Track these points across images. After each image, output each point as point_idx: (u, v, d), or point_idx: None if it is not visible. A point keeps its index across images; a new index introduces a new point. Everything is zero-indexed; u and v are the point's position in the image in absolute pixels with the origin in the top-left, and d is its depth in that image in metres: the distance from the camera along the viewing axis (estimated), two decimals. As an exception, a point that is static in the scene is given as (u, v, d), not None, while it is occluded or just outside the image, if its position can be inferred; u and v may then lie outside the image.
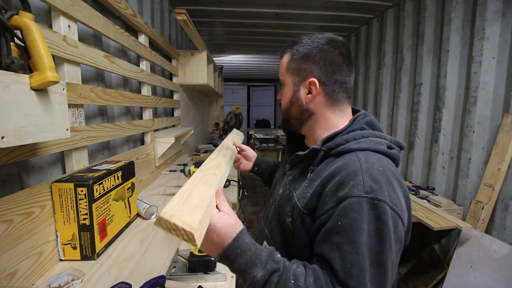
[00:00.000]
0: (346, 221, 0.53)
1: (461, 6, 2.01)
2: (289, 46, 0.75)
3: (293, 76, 0.73)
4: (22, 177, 0.79)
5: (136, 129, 1.50)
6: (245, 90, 9.77)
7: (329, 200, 0.57)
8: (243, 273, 0.52)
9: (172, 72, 2.34)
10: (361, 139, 0.64)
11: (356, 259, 0.51)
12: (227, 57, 5.44)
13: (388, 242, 0.52)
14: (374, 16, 3.12)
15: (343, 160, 0.61)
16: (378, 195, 0.54)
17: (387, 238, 0.52)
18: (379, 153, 0.62)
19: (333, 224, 0.54)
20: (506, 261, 1.57)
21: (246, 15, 3.06)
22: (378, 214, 0.53)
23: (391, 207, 0.54)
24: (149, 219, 1.17)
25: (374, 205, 0.53)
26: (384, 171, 0.58)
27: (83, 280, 0.75)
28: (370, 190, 0.54)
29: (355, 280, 0.50)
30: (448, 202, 2.03)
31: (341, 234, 0.53)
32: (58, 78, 0.61)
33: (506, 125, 1.74)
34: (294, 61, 0.72)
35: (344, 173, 0.58)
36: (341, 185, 0.57)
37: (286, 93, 0.75)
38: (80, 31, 1.00)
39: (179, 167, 1.42)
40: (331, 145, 0.65)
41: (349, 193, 0.54)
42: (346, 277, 0.50)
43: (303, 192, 0.64)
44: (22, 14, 0.58)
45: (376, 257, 0.51)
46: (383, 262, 0.52)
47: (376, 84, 3.19)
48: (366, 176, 0.56)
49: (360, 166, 0.57)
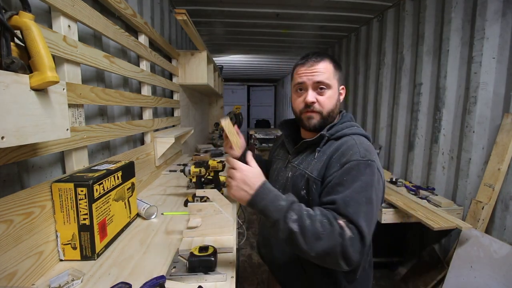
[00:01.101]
0: (348, 177, 0.73)
1: (461, 6, 2.01)
2: (319, 54, 0.88)
3: (338, 82, 0.90)
4: (22, 177, 0.79)
5: (136, 129, 1.50)
6: (245, 90, 9.77)
7: (334, 166, 0.78)
8: (271, 204, 0.68)
9: (172, 72, 2.34)
10: (351, 127, 0.87)
11: (354, 196, 0.70)
12: (227, 57, 5.44)
13: (376, 189, 0.73)
14: (374, 16, 3.12)
15: (342, 141, 0.84)
16: (370, 158, 0.76)
17: (375, 186, 0.73)
18: (363, 136, 0.86)
19: (338, 180, 0.75)
20: (506, 261, 1.56)
21: (246, 15, 3.06)
22: (371, 170, 0.74)
23: (377, 167, 0.76)
24: (149, 219, 1.17)
25: (368, 164, 0.75)
26: (370, 146, 0.82)
27: (83, 280, 0.75)
28: (364, 155, 0.76)
29: (352, 209, 0.68)
30: (448, 202, 2.03)
31: (344, 185, 0.73)
32: (58, 78, 0.61)
33: (506, 125, 1.74)
34: (337, 69, 0.89)
35: (344, 147, 0.80)
36: (343, 154, 0.79)
37: (332, 96, 0.88)
38: (80, 31, 1.00)
39: (179, 167, 1.42)
40: (332, 132, 0.87)
41: (350, 158, 0.76)
42: (345, 207, 0.68)
43: (314, 166, 0.84)
44: (22, 14, 0.58)
45: (368, 197, 0.70)
46: (372, 202, 0.71)
47: (376, 84, 3.19)
48: (360, 147, 0.79)
49: (355, 143, 0.81)
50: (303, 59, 0.90)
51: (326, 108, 0.87)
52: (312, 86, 0.86)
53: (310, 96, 0.86)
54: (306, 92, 0.87)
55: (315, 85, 0.86)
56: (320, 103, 0.87)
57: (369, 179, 0.73)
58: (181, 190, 1.57)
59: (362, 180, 0.72)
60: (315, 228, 0.65)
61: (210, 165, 1.39)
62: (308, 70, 0.87)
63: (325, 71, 0.86)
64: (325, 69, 0.86)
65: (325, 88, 0.86)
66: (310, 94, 0.86)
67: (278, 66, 6.53)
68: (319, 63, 0.86)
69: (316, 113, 0.87)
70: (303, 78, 0.87)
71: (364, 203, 0.69)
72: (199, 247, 0.81)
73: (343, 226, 0.66)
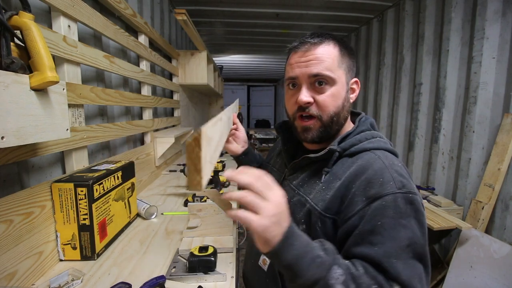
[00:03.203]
0: (384, 220, 0.51)
1: (461, 6, 2.01)
2: (319, 35, 0.64)
3: (346, 74, 0.65)
4: (22, 177, 0.79)
5: (136, 129, 1.50)
6: (245, 90, 9.78)
7: (358, 201, 0.54)
8: (305, 255, 0.46)
9: (172, 72, 2.34)
10: (372, 139, 0.64)
11: (400, 253, 0.48)
12: (227, 57, 5.44)
13: (425, 236, 0.52)
14: (374, 16, 3.12)
15: (363, 159, 0.59)
16: (410, 189, 0.54)
17: (425, 227, 0.53)
18: (388, 151, 0.62)
19: (370, 225, 0.51)
20: (506, 261, 1.56)
21: (246, 15, 3.06)
22: (416, 207, 0.52)
23: (421, 201, 0.54)
24: (149, 219, 1.17)
25: (409, 199, 0.52)
26: (402, 167, 0.58)
27: (83, 280, 0.74)
28: (402, 185, 0.53)
29: (405, 273, 0.47)
30: (448, 202, 2.03)
31: (381, 233, 0.50)
32: (58, 78, 0.61)
33: (506, 125, 1.74)
34: (346, 55, 0.65)
35: (370, 171, 0.56)
36: (370, 183, 0.55)
37: (336, 94, 0.63)
38: (80, 31, 1.00)
39: (179, 167, 1.42)
40: (345, 145, 0.63)
41: (381, 191, 0.53)
42: (394, 268, 0.47)
43: (321, 195, 0.61)
44: (22, 14, 0.58)
45: (418, 253, 0.50)
46: (424, 258, 0.51)
47: (376, 84, 3.19)
48: (393, 172, 0.55)
49: (384, 164, 0.57)
50: (297, 42, 0.66)
51: (328, 111, 0.63)
52: (307, 81, 0.63)
53: (304, 94, 0.63)
54: (299, 90, 0.65)
55: (311, 80, 0.63)
56: (318, 104, 0.63)
57: (419, 221, 0.52)
58: (181, 190, 1.57)
59: (406, 227, 0.50)
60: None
61: (210, 165, 1.39)
62: (302, 58, 0.63)
63: (326, 58, 0.62)
64: (326, 55, 0.62)
65: (325, 83, 0.62)
66: (304, 92, 0.63)
67: (278, 66, 6.53)
68: (317, 47, 0.62)
69: (313, 119, 0.64)
70: (296, 70, 0.64)
71: (417, 261, 0.50)
72: (199, 247, 0.80)
73: None
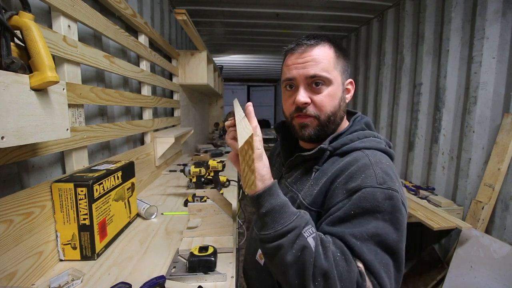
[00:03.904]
0: (359, 211, 0.53)
1: (461, 6, 2.01)
2: (314, 37, 0.68)
3: (341, 75, 0.69)
4: (22, 177, 0.79)
5: (136, 129, 1.50)
6: (245, 90, 9.78)
7: (338, 193, 0.58)
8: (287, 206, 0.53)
9: (172, 72, 2.34)
10: (364, 139, 0.66)
11: (367, 240, 0.51)
12: (227, 57, 5.44)
13: (403, 230, 0.54)
14: (374, 16, 3.12)
15: (351, 157, 0.62)
16: (391, 185, 0.55)
17: (403, 225, 0.54)
18: (381, 151, 0.65)
19: (344, 213, 0.54)
20: (506, 261, 1.56)
21: (246, 15, 3.06)
22: (394, 203, 0.54)
23: (402, 199, 0.56)
24: (149, 219, 1.17)
25: (388, 194, 0.54)
26: (390, 166, 0.61)
27: (83, 280, 0.74)
28: (383, 181, 0.55)
29: (369, 256, 0.50)
30: (448, 202, 2.03)
31: (352, 222, 0.53)
32: (58, 78, 0.61)
33: (506, 125, 1.74)
34: (341, 56, 0.69)
35: (354, 167, 0.59)
36: (352, 177, 0.57)
37: (333, 94, 0.67)
38: (80, 31, 1.00)
39: (179, 167, 1.42)
40: (337, 144, 0.67)
41: (361, 184, 0.55)
42: (360, 247, 0.51)
43: (308, 191, 0.65)
44: (22, 14, 0.58)
45: (388, 247, 0.52)
46: (400, 251, 0.53)
47: (376, 84, 3.19)
48: (377, 169, 0.57)
49: (369, 161, 0.59)
50: (294, 44, 0.70)
51: (325, 111, 0.66)
52: (304, 82, 0.66)
53: (301, 95, 0.66)
54: (297, 91, 0.68)
55: (308, 81, 0.66)
56: (315, 105, 0.66)
57: (394, 217, 0.53)
58: (181, 190, 1.57)
59: (377, 219, 0.52)
60: (327, 262, 0.48)
61: (210, 165, 1.39)
62: (299, 59, 0.67)
63: (322, 59, 0.65)
64: (322, 57, 0.65)
65: (322, 84, 0.65)
66: (301, 93, 0.66)
67: (278, 66, 6.50)
68: (313, 49, 0.66)
69: (311, 118, 0.67)
70: (293, 71, 0.67)
71: (384, 252, 0.52)
72: (199, 247, 0.80)
73: (363, 273, 0.49)
